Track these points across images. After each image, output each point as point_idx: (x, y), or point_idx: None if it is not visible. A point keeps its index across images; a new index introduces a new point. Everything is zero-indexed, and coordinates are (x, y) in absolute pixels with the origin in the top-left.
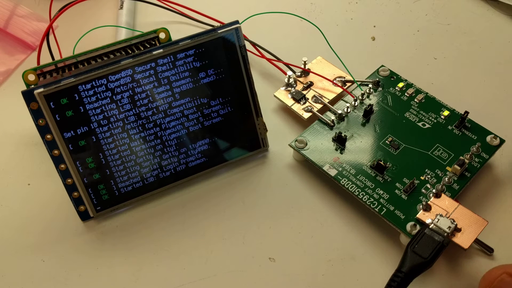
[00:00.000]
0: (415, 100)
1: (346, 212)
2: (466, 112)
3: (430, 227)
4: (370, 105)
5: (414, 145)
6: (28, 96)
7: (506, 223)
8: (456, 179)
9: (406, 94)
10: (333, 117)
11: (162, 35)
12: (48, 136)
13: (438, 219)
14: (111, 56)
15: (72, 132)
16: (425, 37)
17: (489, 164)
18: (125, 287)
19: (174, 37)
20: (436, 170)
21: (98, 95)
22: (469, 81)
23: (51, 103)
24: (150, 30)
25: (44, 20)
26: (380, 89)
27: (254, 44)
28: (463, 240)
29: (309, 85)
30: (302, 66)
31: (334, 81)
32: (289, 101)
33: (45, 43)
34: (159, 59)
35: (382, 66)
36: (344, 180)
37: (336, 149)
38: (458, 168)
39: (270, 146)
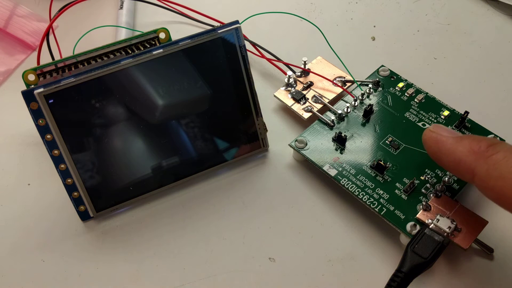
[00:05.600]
0: (415, 100)
1: (346, 212)
2: (466, 112)
3: (430, 227)
4: (370, 105)
5: (414, 145)
6: (28, 96)
7: (506, 223)
8: (456, 179)
9: (406, 94)
10: (333, 117)
11: (162, 35)
12: (48, 136)
13: (438, 219)
14: (111, 56)
15: (72, 132)
16: (425, 37)
17: None
18: (125, 287)
19: (174, 37)
20: (436, 170)
21: (98, 95)
22: (469, 81)
23: (51, 103)
24: (150, 30)
25: (44, 20)
26: (380, 89)
27: (254, 44)
28: (463, 240)
29: (309, 85)
30: (302, 66)
31: (334, 81)
32: (289, 101)
33: (45, 43)
34: (159, 59)
35: (382, 66)
36: (344, 180)
37: (336, 149)
38: None
39: (270, 146)
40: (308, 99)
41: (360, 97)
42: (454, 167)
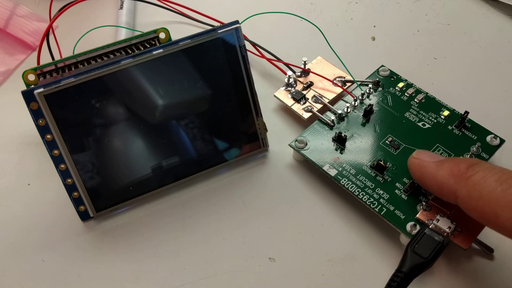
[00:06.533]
0: (415, 100)
1: (346, 212)
2: (466, 112)
3: (430, 227)
4: (370, 105)
5: (414, 145)
6: (28, 96)
7: None
8: None
9: (406, 94)
10: (333, 117)
11: (162, 35)
12: (48, 136)
13: (438, 219)
14: (111, 56)
15: (72, 132)
16: (425, 37)
17: None
18: (125, 287)
19: (174, 37)
20: None
21: (98, 95)
22: (469, 81)
23: (51, 103)
24: (150, 30)
25: (44, 20)
26: (380, 89)
27: (254, 44)
28: (463, 240)
29: (309, 85)
30: (302, 66)
31: (334, 81)
32: (289, 101)
33: (45, 43)
34: (159, 59)
35: (382, 66)
36: (344, 180)
37: (336, 149)
38: None
39: (270, 146)
40: (308, 99)
41: (360, 97)
42: (438, 191)
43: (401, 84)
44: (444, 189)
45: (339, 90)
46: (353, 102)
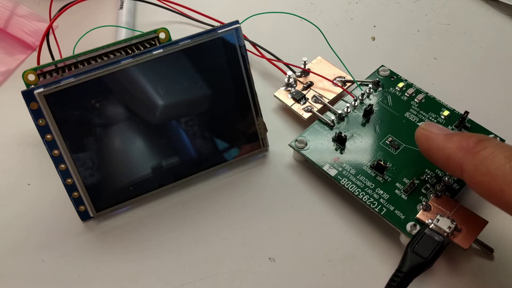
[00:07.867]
0: (415, 100)
1: (346, 212)
2: (466, 112)
3: (430, 227)
4: (370, 105)
5: (414, 145)
6: (28, 96)
7: (506, 223)
8: (456, 179)
9: (406, 94)
10: (333, 117)
11: (162, 35)
12: (48, 136)
13: (438, 219)
14: (111, 56)
15: (72, 132)
16: (425, 37)
17: None
18: (125, 287)
19: (174, 37)
20: (436, 170)
21: (98, 95)
22: (469, 81)
23: (51, 103)
24: (150, 30)
25: (44, 20)
26: (380, 89)
27: (254, 44)
28: (463, 240)
29: (309, 85)
30: (302, 66)
31: (334, 81)
32: (289, 101)
33: (45, 43)
34: (159, 59)
35: (382, 66)
36: (344, 180)
37: (336, 149)
38: None
39: (270, 146)
40: (308, 99)
41: (360, 97)
42: (444, 163)
43: (401, 84)
44: (450, 161)
45: (339, 90)
46: (353, 102)
